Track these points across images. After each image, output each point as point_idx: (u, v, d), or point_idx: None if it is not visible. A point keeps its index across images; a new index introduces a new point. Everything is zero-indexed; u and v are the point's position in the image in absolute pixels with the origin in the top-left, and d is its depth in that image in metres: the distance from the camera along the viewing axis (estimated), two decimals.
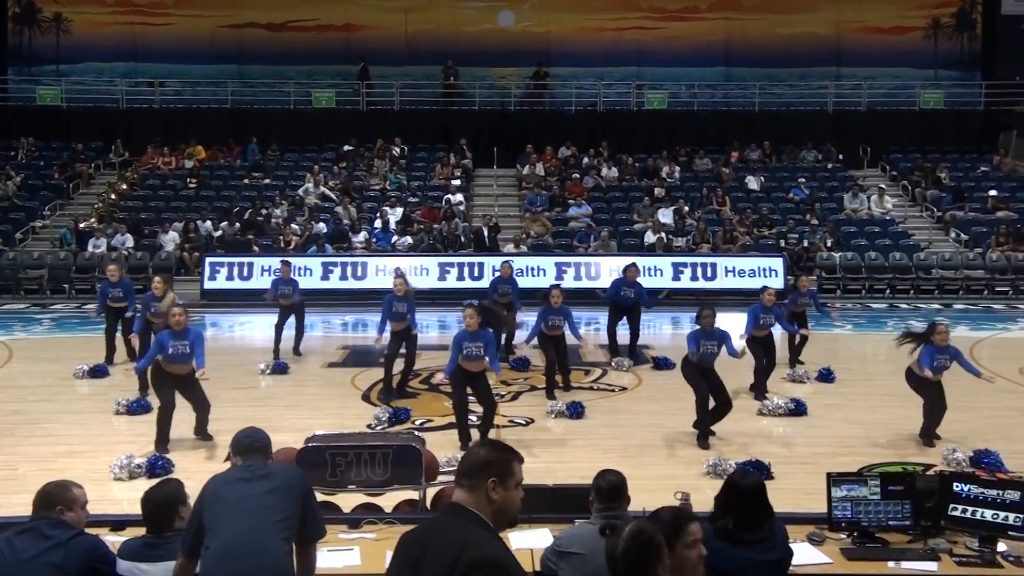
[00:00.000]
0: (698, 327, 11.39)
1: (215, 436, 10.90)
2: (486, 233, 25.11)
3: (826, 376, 14.73)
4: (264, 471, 5.05)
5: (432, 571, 3.53)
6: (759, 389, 13.51)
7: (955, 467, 9.77)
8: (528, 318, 17.35)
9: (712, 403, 11.24)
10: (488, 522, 3.68)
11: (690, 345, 11.33)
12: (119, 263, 15.31)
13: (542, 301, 14.09)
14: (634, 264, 16.88)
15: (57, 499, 5.09)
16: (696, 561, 4.20)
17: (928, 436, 11.14)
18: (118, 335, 15.73)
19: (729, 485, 5.28)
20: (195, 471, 8.88)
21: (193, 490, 5.26)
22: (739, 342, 12.57)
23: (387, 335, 13.63)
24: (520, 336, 15.00)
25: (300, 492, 5.02)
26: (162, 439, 10.68)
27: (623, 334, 16.50)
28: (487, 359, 10.74)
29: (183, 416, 11.02)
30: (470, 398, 11.08)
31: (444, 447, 9.96)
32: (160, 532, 5.26)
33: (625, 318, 16.32)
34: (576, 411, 12.48)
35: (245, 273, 23.46)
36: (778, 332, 14.43)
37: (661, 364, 15.70)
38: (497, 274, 17.83)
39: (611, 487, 5.28)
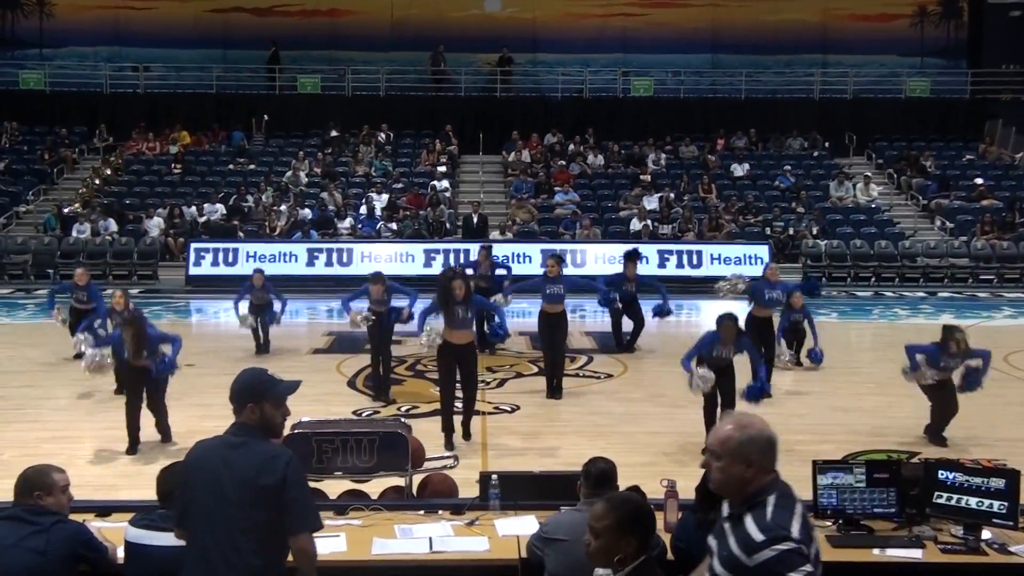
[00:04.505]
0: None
1: (203, 431, 10.62)
2: (475, 220, 25.08)
3: (817, 358, 14.51)
4: (242, 442, 4.44)
5: None
6: None
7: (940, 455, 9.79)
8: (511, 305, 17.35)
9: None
10: None
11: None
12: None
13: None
14: (635, 252, 16.64)
15: (35, 484, 5.05)
16: None
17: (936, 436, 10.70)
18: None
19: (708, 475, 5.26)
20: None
21: None
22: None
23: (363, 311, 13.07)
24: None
25: (276, 483, 4.33)
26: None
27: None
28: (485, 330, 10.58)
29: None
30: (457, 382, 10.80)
31: (431, 434, 9.95)
32: (168, 505, 5.23)
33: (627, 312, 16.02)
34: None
35: (230, 259, 23.40)
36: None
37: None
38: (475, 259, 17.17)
39: (600, 474, 5.28)
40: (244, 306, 15.80)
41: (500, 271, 16.40)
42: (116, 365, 10.97)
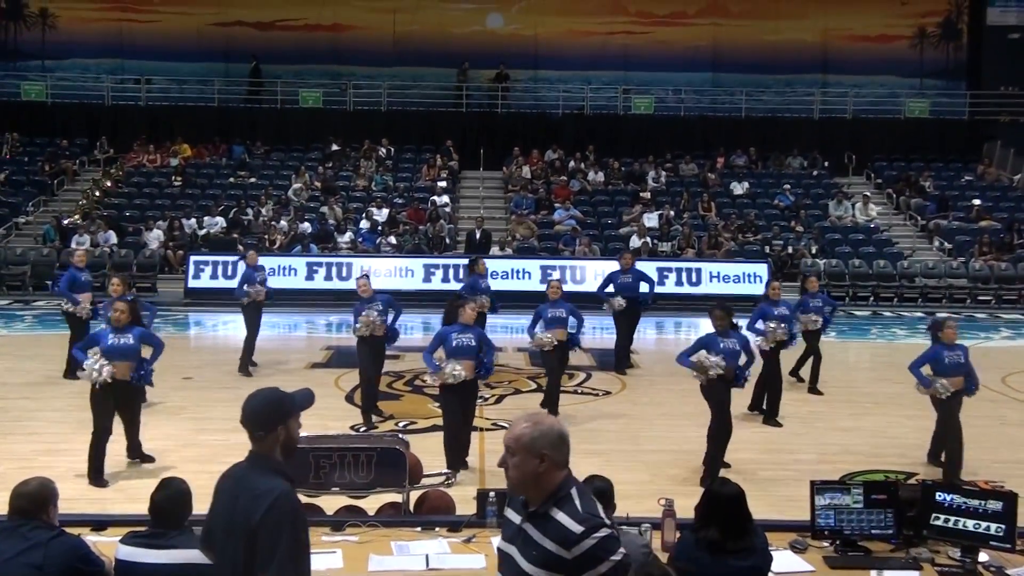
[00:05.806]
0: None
1: (200, 444, 10.40)
2: (478, 235, 25.09)
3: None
4: (251, 474, 4.18)
5: None
6: (770, 414, 12.72)
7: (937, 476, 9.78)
8: (510, 320, 17.40)
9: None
10: None
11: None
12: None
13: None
14: (627, 252, 16.63)
15: (48, 498, 5.05)
16: None
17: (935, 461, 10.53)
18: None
19: (709, 494, 5.28)
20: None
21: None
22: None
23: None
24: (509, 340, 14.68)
25: (255, 523, 4.00)
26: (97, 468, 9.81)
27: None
28: (479, 361, 10.12)
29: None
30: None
31: (429, 450, 9.91)
32: (167, 528, 5.18)
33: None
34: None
35: (230, 272, 23.34)
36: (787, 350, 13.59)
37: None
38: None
39: (597, 493, 5.24)
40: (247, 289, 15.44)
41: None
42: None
